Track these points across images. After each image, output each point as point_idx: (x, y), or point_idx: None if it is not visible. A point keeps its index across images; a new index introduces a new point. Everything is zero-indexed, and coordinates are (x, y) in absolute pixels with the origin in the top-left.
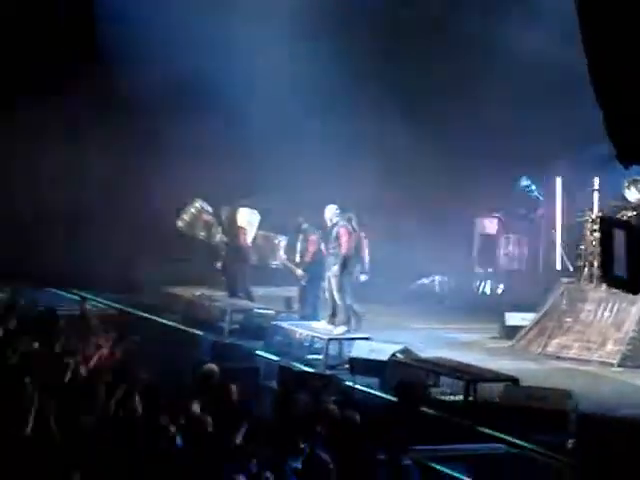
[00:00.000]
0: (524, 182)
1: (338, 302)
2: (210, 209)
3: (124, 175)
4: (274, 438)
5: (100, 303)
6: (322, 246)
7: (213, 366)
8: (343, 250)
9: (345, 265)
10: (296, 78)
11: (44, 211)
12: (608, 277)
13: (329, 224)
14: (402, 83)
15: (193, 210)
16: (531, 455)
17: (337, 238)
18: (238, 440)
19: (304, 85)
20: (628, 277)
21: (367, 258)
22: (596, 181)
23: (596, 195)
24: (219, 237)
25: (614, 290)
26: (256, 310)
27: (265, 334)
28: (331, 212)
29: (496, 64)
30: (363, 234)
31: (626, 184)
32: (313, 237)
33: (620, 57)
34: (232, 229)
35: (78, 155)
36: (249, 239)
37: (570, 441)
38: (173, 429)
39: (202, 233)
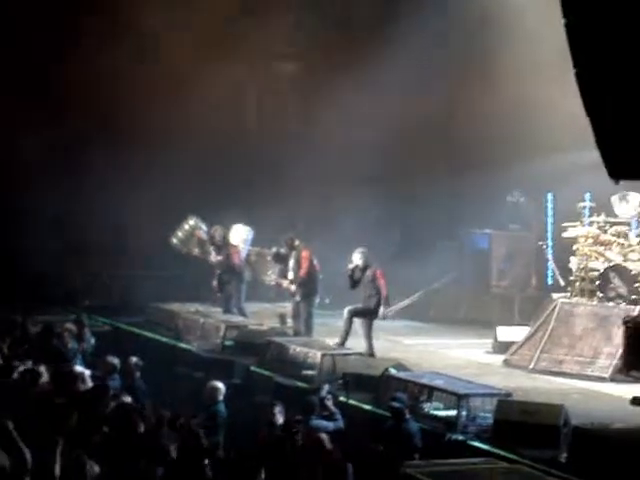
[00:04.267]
0: (516, 196)
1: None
2: (204, 226)
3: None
4: None
5: (95, 320)
6: (315, 262)
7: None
8: (384, 291)
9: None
10: None
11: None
12: None
13: (357, 264)
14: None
15: (187, 227)
16: (523, 470)
17: (374, 280)
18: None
19: None
20: None
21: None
22: (587, 196)
23: (587, 210)
24: (213, 254)
25: (605, 304)
26: (250, 326)
27: (259, 350)
28: (360, 256)
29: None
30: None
31: (616, 199)
32: (305, 253)
33: (609, 71)
34: (225, 246)
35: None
36: (242, 256)
37: (562, 455)
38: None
39: (196, 250)
